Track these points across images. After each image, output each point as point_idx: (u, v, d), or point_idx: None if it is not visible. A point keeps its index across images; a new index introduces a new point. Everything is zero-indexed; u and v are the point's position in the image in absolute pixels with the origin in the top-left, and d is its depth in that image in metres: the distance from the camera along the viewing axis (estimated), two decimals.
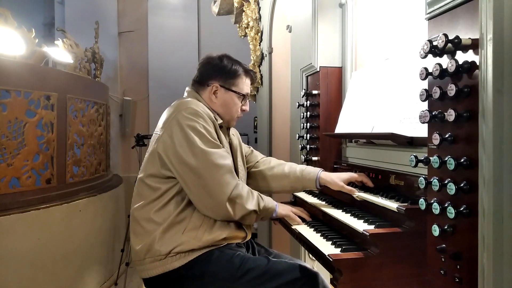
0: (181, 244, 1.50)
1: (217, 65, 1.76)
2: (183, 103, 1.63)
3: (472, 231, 0.95)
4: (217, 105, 1.75)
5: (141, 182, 1.63)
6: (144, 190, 1.61)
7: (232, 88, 1.76)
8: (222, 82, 1.75)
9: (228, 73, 1.75)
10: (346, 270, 1.28)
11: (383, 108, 1.65)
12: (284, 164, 1.96)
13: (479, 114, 0.92)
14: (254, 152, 2.05)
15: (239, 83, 1.78)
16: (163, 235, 1.51)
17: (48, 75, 3.23)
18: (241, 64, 1.81)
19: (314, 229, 1.67)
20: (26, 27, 3.15)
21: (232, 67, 1.76)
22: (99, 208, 3.60)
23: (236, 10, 3.82)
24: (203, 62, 1.81)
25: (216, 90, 1.74)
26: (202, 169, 1.51)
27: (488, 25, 0.90)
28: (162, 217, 1.54)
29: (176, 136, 1.53)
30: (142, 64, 5.68)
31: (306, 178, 1.84)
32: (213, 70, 1.76)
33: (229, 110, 1.77)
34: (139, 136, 4.07)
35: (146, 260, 1.53)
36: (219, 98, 1.75)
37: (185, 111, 1.57)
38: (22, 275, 2.72)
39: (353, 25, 2.06)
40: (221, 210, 1.52)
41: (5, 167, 2.76)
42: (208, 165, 1.51)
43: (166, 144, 1.55)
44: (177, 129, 1.54)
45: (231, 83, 1.76)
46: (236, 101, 1.77)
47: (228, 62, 1.77)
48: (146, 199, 1.59)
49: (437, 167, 1.04)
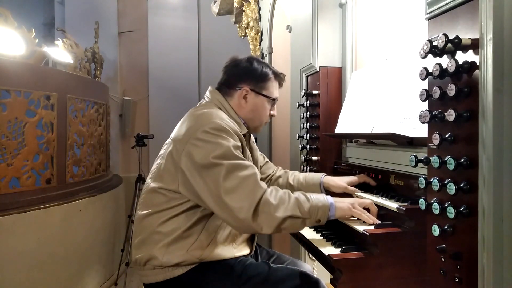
0: (184, 261, 1.46)
1: (247, 68, 1.67)
2: (207, 116, 1.50)
3: (472, 231, 0.95)
4: (247, 110, 1.66)
5: (153, 191, 1.53)
6: (154, 198, 1.52)
7: (263, 92, 1.67)
8: (252, 86, 1.66)
9: (259, 77, 1.67)
10: (346, 270, 1.28)
11: (383, 108, 1.65)
12: (287, 173, 1.97)
13: (479, 114, 0.92)
14: (267, 164, 2.01)
15: (270, 87, 1.70)
16: (167, 248, 1.46)
17: (48, 75, 3.23)
18: (270, 66, 1.73)
19: (314, 229, 1.67)
20: (26, 27, 3.15)
21: (263, 70, 1.68)
22: (99, 208, 3.60)
23: (236, 10, 3.83)
24: (230, 64, 1.71)
25: (246, 94, 1.65)
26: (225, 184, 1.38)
27: (488, 25, 0.90)
28: (169, 229, 1.47)
29: (200, 157, 1.40)
30: (142, 64, 5.68)
31: (310, 184, 1.83)
32: (243, 73, 1.67)
33: (258, 115, 1.69)
34: (139, 136, 4.07)
35: (146, 267, 1.50)
36: (249, 102, 1.66)
37: (209, 126, 1.44)
38: (22, 275, 2.72)
39: (353, 25, 2.06)
40: (248, 229, 1.41)
41: (5, 167, 2.75)
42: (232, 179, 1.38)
43: (190, 163, 1.42)
44: (202, 148, 1.41)
45: (262, 86, 1.67)
46: (266, 106, 1.70)
47: (258, 65, 1.68)
48: (156, 207, 1.51)
49: (437, 167, 1.04)
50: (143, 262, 1.50)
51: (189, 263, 1.47)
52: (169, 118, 4.00)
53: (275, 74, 1.72)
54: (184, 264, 1.46)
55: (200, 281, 1.47)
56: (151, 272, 1.49)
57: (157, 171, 1.56)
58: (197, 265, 1.47)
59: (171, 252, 1.46)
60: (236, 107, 1.66)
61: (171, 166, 1.48)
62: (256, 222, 1.35)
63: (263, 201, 1.37)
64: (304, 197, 1.43)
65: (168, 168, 1.49)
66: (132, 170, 5.36)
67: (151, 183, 1.56)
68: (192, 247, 1.46)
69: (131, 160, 5.44)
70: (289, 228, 1.42)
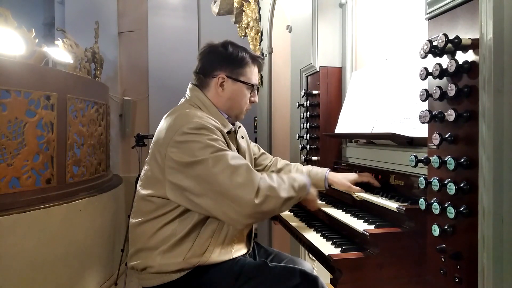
0: (181, 268, 1.44)
1: (221, 53, 1.59)
2: (184, 117, 1.45)
3: (472, 231, 0.95)
4: (225, 98, 1.59)
5: (143, 199, 1.50)
6: (145, 206, 1.48)
7: (240, 78, 1.60)
8: (228, 73, 1.58)
9: (234, 62, 1.59)
10: (346, 270, 1.28)
11: (383, 108, 1.65)
12: (290, 165, 1.94)
13: (479, 114, 0.92)
14: (263, 156, 1.97)
15: (247, 72, 1.61)
16: (163, 256, 1.43)
17: (48, 75, 3.23)
18: (247, 50, 1.64)
19: (314, 229, 1.67)
20: (26, 27, 3.15)
21: (239, 55, 1.59)
22: (99, 208, 3.60)
23: (236, 10, 3.83)
24: (204, 51, 1.63)
25: (223, 81, 1.58)
26: (216, 176, 1.33)
27: (488, 25, 0.90)
28: (163, 237, 1.44)
29: (183, 157, 1.36)
30: (142, 64, 5.68)
31: (315, 179, 1.79)
32: (218, 60, 1.59)
33: (237, 103, 1.62)
34: (139, 136, 4.07)
35: (143, 272, 1.49)
36: (226, 90, 1.58)
37: (187, 126, 1.39)
38: (22, 275, 2.72)
39: (353, 25, 2.07)
40: (252, 211, 1.34)
41: (5, 167, 2.76)
42: (223, 168, 1.35)
43: (174, 166, 1.38)
44: (184, 148, 1.37)
45: (238, 72, 1.59)
46: (245, 92, 1.62)
47: (233, 49, 1.60)
48: (147, 215, 1.47)
49: (437, 167, 1.04)
50: (140, 269, 1.49)
51: (187, 269, 1.45)
52: None
53: (252, 58, 1.64)
54: (182, 270, 1.45)
55: (198, 284, 1.46)
56: (149, 276, 1.48)
57: (145, 177, 1.52)
58: (195, 268, 1.46)
59: (167, 260, 1.43)
60: (214, 98, 1.59)
61: (157, 172, 1.44)
62: (261, 203, 1.33)
63: (264, 184, 1.36)
64: (291, 178, 1.49)
65: (155, 175, 1.45)
66: (132, 170, 5.37)
67: (141, 190, 1.52)
68: (189, 254, 1.43)
69: (131, 160, 5.44)
70: (286, 207, 1.47)
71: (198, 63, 1.64)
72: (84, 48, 4.17)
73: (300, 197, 1.51)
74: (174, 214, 1.44)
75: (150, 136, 4.14)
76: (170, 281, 1.46)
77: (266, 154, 2.00)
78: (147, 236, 1.47)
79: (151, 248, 1.46)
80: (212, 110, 1.58)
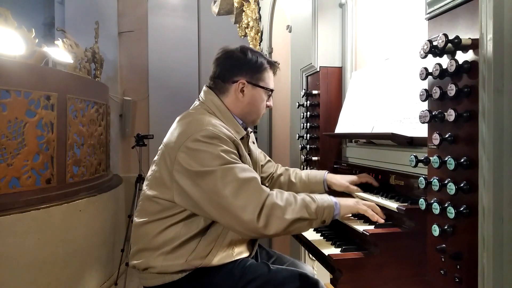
0: (183, 270, 1.45)
1: (241, 59, 1.59)
2: (199, 123, 1.44)
3: (472, 231, 0.95)
4: (244, 103, 1.59)
5: (149, 200, 1.50)
6: (150, 207, 1.49)
7: (259, 84, 1.60)
8: (249, 78, 1.58)
9: (254, 67, 1.59)
10: (346, 270, 1.28)
11: (383, 108, 1.65)
12: (289, 170, 1.96)
13: (479, 114, 0.92)
14: (269, 163, 1.98)
15: (266, 78, 1.62)
16: (165, 257, 1.44)
17: (48, 75, 3.23)
18: (264, 56, 1.65)
19: (314, 229, 1.67)
20: (26, 27, 3.15)
21: (258, 60, 1.60)
22: (99, 208, 3.60)
23: (236, 10, 3.83)
24: (222, 56, 1.61)
25: (243, 86, 1.57)
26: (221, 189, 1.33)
27: (488, 25, 0.90)
28: (166, 239, 1.44)
29: (192, 165, 1.36)
30: (142, 64, 5.68)
31: (313, 182, 1.82)
32: (238, 65, 1.58)
33: (256, 108, 1.62)
34: (139, 136, 4.07)
35: (145, 271, 1.49)
36: (246, 95, 1.58)
37: (200, 133, 1.38)
38: (22, 275, 2.72)
39: (353, 25, 2.07)
40: (254, 232, 1.34)
41: (5, 167, 2.75)
42: (229, 182, 1.33)
43: (183, 173, 1.38)
44: (194, 156, 1.37)
45: (258, 78, 1.60)
46: (264, 97, 1.63)
47: (252, 55, 1.60)
48: (152, 216, 1.48)
49: (437, 167, 1.04)
50: (141, 268, 1.49)
51: (189, 270, 1.46)
52: (169, 118, 3.96)
53: (270, 63, 1.65)
54: (183, 271, 1.46)
55: (199, 285, 1.47)
56: (150, 276, 1.49)
57: (152, 178, 1.52)
58: (197, 269, 1.46)
59: (169, 261, 1.44)
60: (232, 103, 1.59)
61: (165, 175, 1.44)
62: (264, 225, 1.31)
63: (270, 204, 1.33)
64: (309, 198, 1.40)
65: (163, 177, 1.45)
66: (132, 170, 5.37)
67: (147, 190, 1.52)
68: (191, 256, 1.43)
69: (131, 160, 5.44)
70: (296, 230, 1.40)
71: (214, 68, 1.63)
72: (84, 48, 4.17)
73: (324, 220, 1.40)
74: (180, 217, 1.44)
75: (150, 136, 4.15)
76: (172, 281, 1.46)
77: (271, 161, 2.02)
78: (150, 236, 1.47)
79: (153, 248, 1.46)
80: (226, 115, 1.57)
